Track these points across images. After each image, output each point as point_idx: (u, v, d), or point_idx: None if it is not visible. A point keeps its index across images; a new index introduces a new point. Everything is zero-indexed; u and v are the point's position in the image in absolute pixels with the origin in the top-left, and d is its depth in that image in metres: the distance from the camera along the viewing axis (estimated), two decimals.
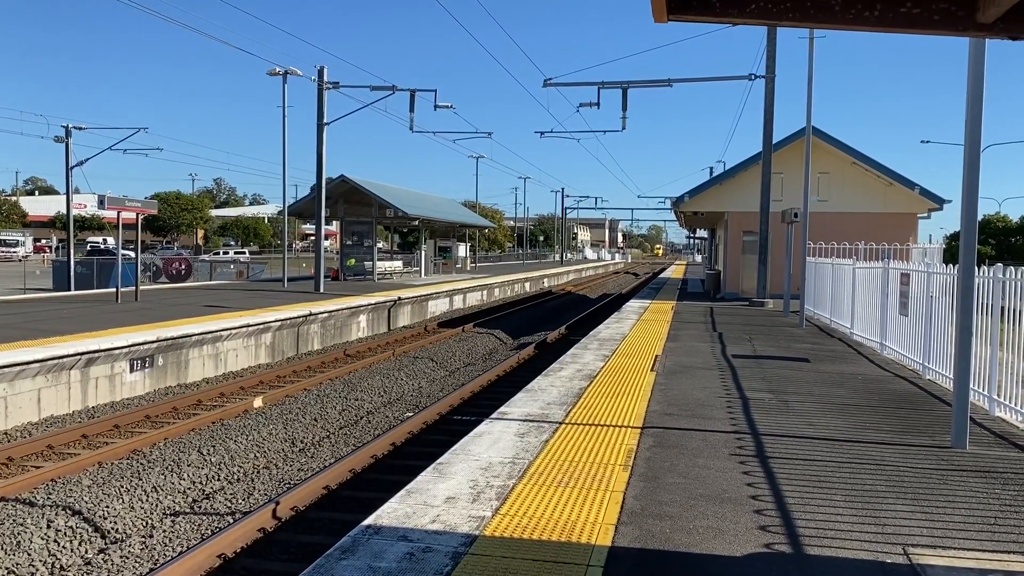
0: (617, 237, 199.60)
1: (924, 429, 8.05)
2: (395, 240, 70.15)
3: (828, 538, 4.94)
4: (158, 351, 14.70)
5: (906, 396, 9.92)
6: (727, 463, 6.60)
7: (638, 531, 5.00)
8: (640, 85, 24.56)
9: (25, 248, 79.30)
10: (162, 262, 40.50)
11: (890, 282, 13.26)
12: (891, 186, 27.42)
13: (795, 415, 8.56)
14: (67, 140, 32.43)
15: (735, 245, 29.20)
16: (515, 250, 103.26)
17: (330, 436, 12.28)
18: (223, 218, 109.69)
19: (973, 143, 7.20)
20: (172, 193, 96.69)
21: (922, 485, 6.11)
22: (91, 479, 9.15)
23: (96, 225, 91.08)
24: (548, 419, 8.13)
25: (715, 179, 31.59)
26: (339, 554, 4.55)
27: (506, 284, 41.45)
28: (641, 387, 10.05)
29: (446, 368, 18.52)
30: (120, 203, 21.15)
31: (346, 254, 35.40)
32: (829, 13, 3.41)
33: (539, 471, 6.25)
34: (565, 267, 66.16)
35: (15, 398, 11.75)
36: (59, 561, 7.36)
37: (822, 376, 11.31)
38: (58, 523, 7.88)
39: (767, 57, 24.12)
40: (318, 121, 27.50)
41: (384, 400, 14.77)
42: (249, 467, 10.45)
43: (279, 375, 16.37)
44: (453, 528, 4.97)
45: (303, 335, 19.98)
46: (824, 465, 6.60)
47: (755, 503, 5.58)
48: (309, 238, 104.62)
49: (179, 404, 13.21)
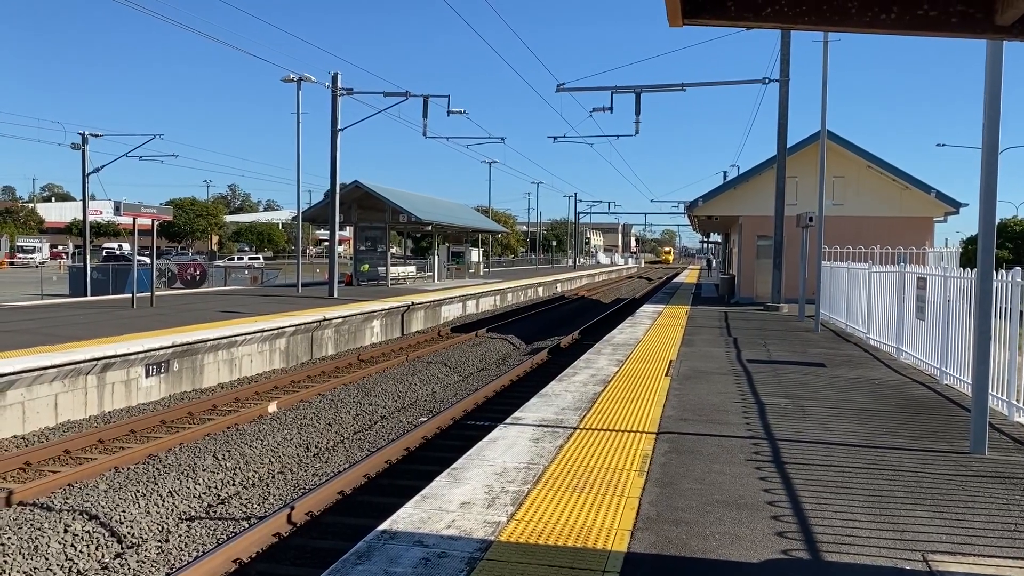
0: (630, 242, 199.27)
1: (942, 434, 7.98)
2: (408, 245, 70.30)
3: (846, 544, 4.90)
4: (173, 356, 14.78)
5: (923, 401, 9.84)
6: (743, 468, 6.56)
7: (654, 537, 4.98)
8: (653, 89, 24.54)
9: (42, 254, 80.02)
10: (177, 268, 40.77)
11: (906, 286, 13.17)
12: (907, 190, 27.25)
13: (812, 420, 8.51)
14: (83, 147, 32.71)
15: (749, 249, 29.09)
16: (528, 255, 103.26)
17: (344, 441, 12.30)
18: (237, 224, 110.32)
19: (991, 146, 7.14)
20: (187, 199, 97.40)
21: (941, 491, 6.05)
22: (107, 484, 9.20)
23: (112, 231, 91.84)
24: (563, 424, 8.11)
25: (729, 183, 31.48)
26: (355, 559, 4.55)
27: (519, 289, 41.44)
28: (656, 392, 10.02)
29: (460, 373, 18.52)
30: (136, 209, 21.31)
31: (359, 259, 35.49)
32: (845, 16, 3.40)
33: (554, 476, 6.24)
34: (578, 272, 66.09)
35: (32, 403, 11.83)
36: (76, 565, 7.41)
37: (838, 381, 11.23)
38: (75, 527, 7.93)
39: (781, 61, 24.05)
40: (332, 127, 27.62)
41: (398, 405, 14.78)
42: (264, 472, 10.48)
43: (294, 380, 16.42)
44: (468, 533, 4.96)
45: (317, 340, 20.04)
46: (841, 470, 6.55)
47: (772, 509, 5.55)
48: (323, 244, 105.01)
49: (194, 409, 13.27)
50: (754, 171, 28.78)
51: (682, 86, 24.22)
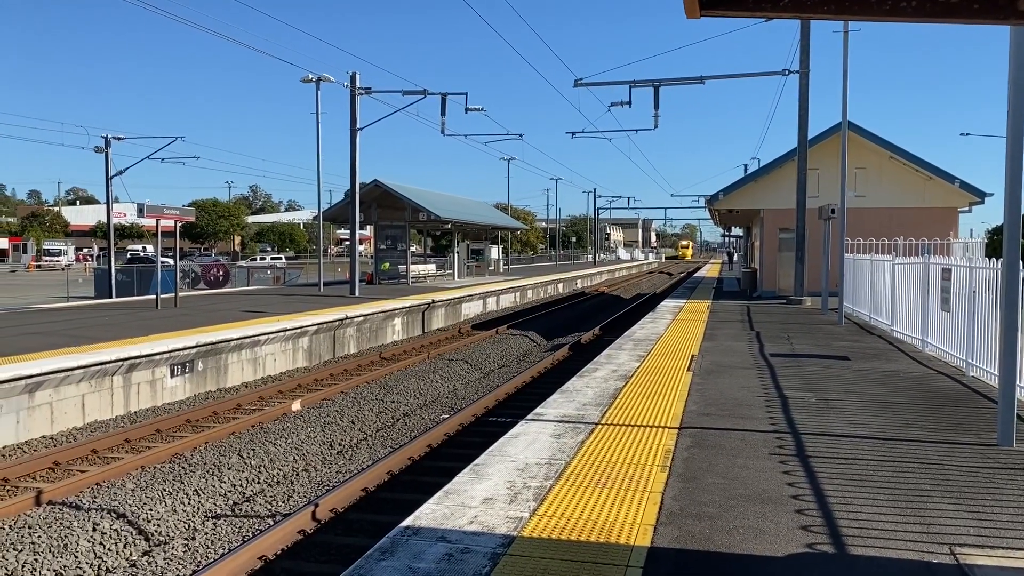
0: (650, 236, 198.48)
1: (969, 427, 7.89)
2: (428, 243, 70.46)
3: (872, 538, 4.86)
4: (198, 356, 14.92)
5: (949, 393, 9.73)
6: (767, 463, 6.52)
7: (677, 532, 4.96)
8: (672, 83, 24.42)
9: (68, 257, 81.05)
10: (200, 269, 41.09)
11: (931, 278, 13.03)
12: (930, 180, 26.92)
13: (836, 414, 8.44)
14: (106, 150, 33.03)
15: (771, 243, 28.88)
16: (547, 251, 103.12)
17: (367, 438, 12.36)
18: (259, 224, 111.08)
19: (1016, 134, 7.04)
20: (209, 200, 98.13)
21: (968, 483, 5.98)
22: (134, 483, 9.31)
23: (136, 233, 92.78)
24: (584, 420, 8.10)
25: (750, 176, 31.25)
26: (378, 555, 4.57)
27: (539, 286, 41.42)
28: (678, 387, 9.98)
29: (481, 370, 18.55)
30: (159, 211, 21.49)
31: (380, 258, 35.63)
32: (865, 5, 3.36)
33: (576, 472, 6.24)
34: (598, 268, 65.94)
35: (60, 403, 11.99)
36: (105, 563, 7.50)
37: (862, 374, 11.14)
38: (103, 526, 8.03)
39: (801, 52, 23.84)
40: (351, 127, 27.72)
41: (420, 402, 14.83)
42: (288, 470, 10.56)
43: (316, 378, 16.52)
44: (491, 529, 4.97)
45: (339, 339, 20.15)
46: (866, 464, 6.49)
47: (796, 503, 5.51)
48: (344, 243, 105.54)
49: (219, 408, 13.39)
50: (775, 164, 28.55)
51: (701, 79, 24.08)
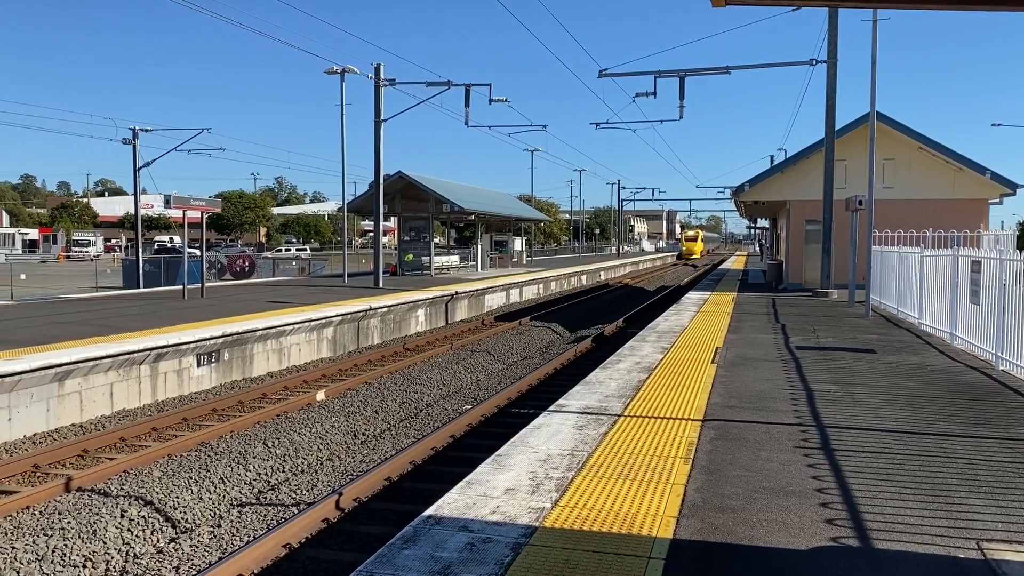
0: (675, 228, 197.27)
1: (998, 421, 7.78)
2: (451, 235, 70.57)
3: (897, 532, 4.81)
4: (224, 346, 15.06)
5: (978, 387, 9.60)
6: (791, 456, 6.48)
7: (700, 524, 4.94)
8: (698, 73, 24.22)
9: (96, 248, 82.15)
10: (226, 260, 41.48)
11: (960, 270, 12.84)
12: (960, 171, 26.51)
13: (862, 407, 8.36)
14: (134, 142, 33.38)
15: (797, 234, 28.60)
16: (571, 243, 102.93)
17: (391, 428, 12.43)
18: (285, 216, 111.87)
19: None
20: (235, 192, 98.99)
21: (996, 478, 5.91)
22: (161, 470, 9.43)
23: (163, 224, 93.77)
24: (607, 411, 8.09)
25: (776, 167, 30.94)
26: (401, 544, 4.60)
27: (562, 277, 41.36)
28: (701, 379, 9.93)
29: (503, 361, 18.58)
30: (185, 202, 21.71)
31: (403, 249, 35.76)
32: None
33: (598, 463, 6.23)
34: (622, 259, 65.71)
35: (89, 392, 12.17)
36: (132, 549, 7.62)
37: (889, 367, 11.02)
38: (131, 513, 8.15)
39: (828, 41, 23.52)
40: (375, 118, 27.80)
41: (443, 393, 14.89)
42: (313, 459, 10.65)
43: (341, 369, 16.63)
44: (513, 519, 4.98)
45: (363, 329, 20.26)
46: (892, 457, 6.43)
47: (820, 496, 5.47)
48: (368, 234, 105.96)
49: (244, 398, 13.52)
50: (802, 154, 28.24)
51: (727, 69, 23.86)
